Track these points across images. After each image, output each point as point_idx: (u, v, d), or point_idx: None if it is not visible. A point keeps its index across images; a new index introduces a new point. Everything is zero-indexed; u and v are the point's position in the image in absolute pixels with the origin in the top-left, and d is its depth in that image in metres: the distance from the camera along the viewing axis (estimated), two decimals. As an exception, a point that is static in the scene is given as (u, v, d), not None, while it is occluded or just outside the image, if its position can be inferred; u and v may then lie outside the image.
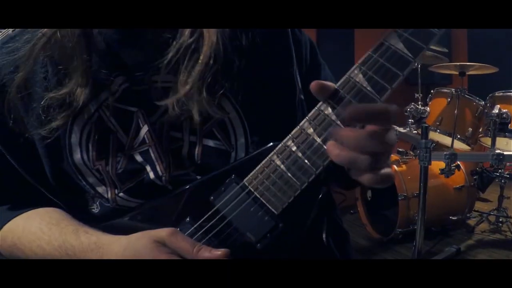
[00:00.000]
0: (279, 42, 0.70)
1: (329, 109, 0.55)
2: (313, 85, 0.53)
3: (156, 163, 0.64)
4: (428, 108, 2.81)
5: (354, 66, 0.54)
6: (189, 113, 0.61)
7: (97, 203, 0.68)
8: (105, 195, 0.66)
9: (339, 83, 0.55)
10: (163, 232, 0.57)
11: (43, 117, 0.62)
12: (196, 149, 0.66)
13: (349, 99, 0.54)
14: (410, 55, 0.53)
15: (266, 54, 0.68)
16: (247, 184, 0.60)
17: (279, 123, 0.59)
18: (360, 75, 0.54)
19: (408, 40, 0.53)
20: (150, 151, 0.64)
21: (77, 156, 0.65)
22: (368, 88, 0.53)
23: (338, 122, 0.54)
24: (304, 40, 0.75)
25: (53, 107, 0.62)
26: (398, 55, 0.53)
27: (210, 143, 0.66)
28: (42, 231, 0.64)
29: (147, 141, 0.64)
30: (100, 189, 0.66)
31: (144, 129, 0.64)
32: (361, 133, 0.50)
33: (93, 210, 0.69)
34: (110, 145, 0.65)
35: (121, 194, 0.66)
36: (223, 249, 0.56)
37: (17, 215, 0.69)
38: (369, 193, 3.06)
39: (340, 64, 0.55)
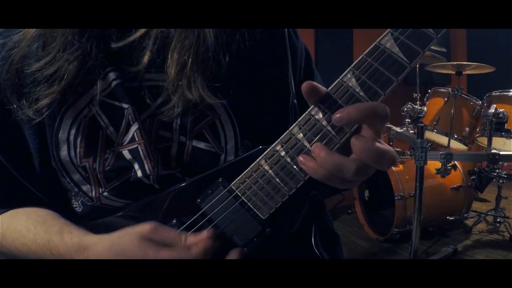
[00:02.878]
0: (275, 44, 0.69)
1: (320, 114, 0.53)
2: (305, 85, 0.51)
3: (144, 161, 0.63)
4: (425, 108, 2.80)
5: (347, 70, 0.53)
6: (183, 101, 0.60)
7: (79, 202, 0.67)
8: (89, 194, 0.66)
9: (331, 87, 0.53)
10: (145, 227, 0.56)
11: (31, 95, 0.61)
12: (185, 150, 0.65)
13: (341, 105, 0.52)
14: (406, 60, 0.51)
15: (260, 55, 0.67)
16: (234, 188, 0.59)
17: (271, 127, 0.58)
18: (353, 80, 0.52)
19: (404, 44, 0.51)
20: (139, 148, 0.64)
21: (64, 152, 0.64)
22: (361, 94, 0.51)
23: (329, 128, 0.52)
24: (300, 46, 0.74)
25: (40, 83, 0.61)
26: (393, 60, 0.51)
27: (200, 144, 0.65)
28: (27, 228, 0.64)
29: (137, 139, 0.64)
30: (85, 187, 0.66)
31: (134, 126, 0.63)
32: (366, 142, 0.50)
33: (75, 208, 0.68)
34: (99, 141, 0.64)
35: (105, 193, 0.65)
36: (208, 230, 0.56)
37: (1, 213, 0.68)
38: (366, 193, 3.05)
39: (338, 64, 0.54)
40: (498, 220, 2.94)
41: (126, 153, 0.64)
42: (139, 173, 0.64)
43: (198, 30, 0.60)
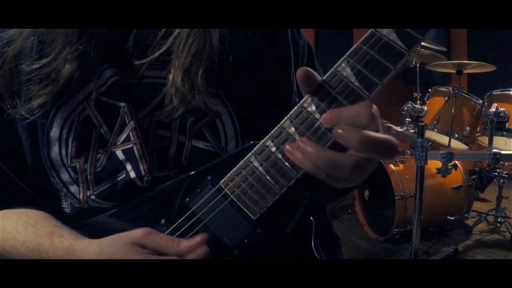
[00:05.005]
0: (278, 42, 0.67)
1: (313, 106, 0.50)
2: (300, 71, 0.48)
3: (139, 162, 0.62)
4: (425, 107, 2.79)
5: (342, 59, 0.49)
6: (185, 105, 0.59)
7: (68, 202, 0.66)
8: (77, 196, 0.64)
9: (324, 77, 0.50)
10: (138, 233, 0.55)
11: (24, 94, 0.60)
12: (184, 150, 0.63)
13: (335, 96, 0.49)
14: (404, 46, 0.47)
15: (263, 53, 0.65)
16: (223, 187, 0.57)
17: (272, 126, 0.55)
18: (348, 69, 0.48)
19: (402, 31, 0.47)
20: (135, 149, 0.62)
21: (55, 151, 0.62)
22: (356, 84, 0.48)
23: (321, 120, 0.49)
24: (302, 43, 0.72)
25: (35, 83, 0.59)
26: (390, 47, 0.47)
27: (200, 144, 0.63)
28: (17, 230, 0.62)
29: (132, 139, 0.62)
30: (73, 189, 0.64)
31: (130, 125, 0.62)
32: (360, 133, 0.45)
33: (64, 209, 0.67)
34: (91, 141, 0.62)
35: (92, 196, 0.63)
36: (201, 235, 0.54)
37: None
38: (366, 193, 3.04)
39: None
40: (499, 220, 2.93)
41: (120, 153, 0.62)
42: (132, 174, 0.62)
43: (205, 34, 0.59)
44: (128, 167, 0.62)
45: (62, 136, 0.62)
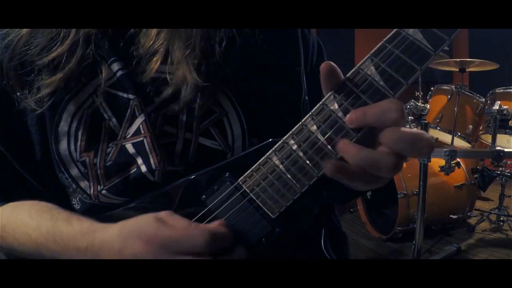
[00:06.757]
0: (288, 40, 0.66)
1: (336, 105, 0.49)
2: (324, 65, 0.48)
3: (150, 155, 0.60)
4: (428, 105, 2.78)
5: (366, 57, 0.48)
6: (191, 101, 0.58)
7: (77, 199, 0.64)
8: (88, 191, 0.62)
9: (348, 75, 0.49)
10: (162, 212, 0.54)
11: (33, 84, 0.59)
12: (191, 147, 0.62)
13: (359, 95, 0.48)
14: (430, 47, 0.46)
15: (272, 50, 0.64)
16: (242, 185, 0.55)
17: (281, 125, 0.54)
18: (372, 68, 0.48)
19: (428, 31, 0.47)
20: (145, 142, 0.60)
21: (63, 146, 0.61)
22: (381, 83, 0.47)
23: (345, 119, 0.49)
24: (312, 40, 0.72)
25: (42, 71, 0.59)
26: (416, 47, 0.47)
27: (206, 142, 0.62)
28: (30, 217, 0.61)
29: (142, 132, 0.60)
30: (83, 184, 0.63)
31: (140, 118, 0.60)
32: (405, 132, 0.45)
33: (74, 205, 0.66)
34: (101, 134, 0.61)
35: (103, 191, 0.62)
36: (217, 222, 0.53)
37: (1, 205, 0.65)
38: (368, 192, 3.03)
39: (340, 65, 0.51)
40: (501, 218, 2.93)
41: (130, 147, 0.61)
42: (143, 168, 0.61)
43: (208, 32, 0.59)
44: (139, 160, 0.61)
45: (71, 130, 0.61)
